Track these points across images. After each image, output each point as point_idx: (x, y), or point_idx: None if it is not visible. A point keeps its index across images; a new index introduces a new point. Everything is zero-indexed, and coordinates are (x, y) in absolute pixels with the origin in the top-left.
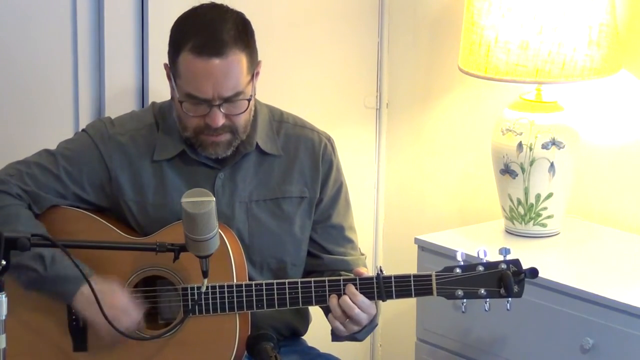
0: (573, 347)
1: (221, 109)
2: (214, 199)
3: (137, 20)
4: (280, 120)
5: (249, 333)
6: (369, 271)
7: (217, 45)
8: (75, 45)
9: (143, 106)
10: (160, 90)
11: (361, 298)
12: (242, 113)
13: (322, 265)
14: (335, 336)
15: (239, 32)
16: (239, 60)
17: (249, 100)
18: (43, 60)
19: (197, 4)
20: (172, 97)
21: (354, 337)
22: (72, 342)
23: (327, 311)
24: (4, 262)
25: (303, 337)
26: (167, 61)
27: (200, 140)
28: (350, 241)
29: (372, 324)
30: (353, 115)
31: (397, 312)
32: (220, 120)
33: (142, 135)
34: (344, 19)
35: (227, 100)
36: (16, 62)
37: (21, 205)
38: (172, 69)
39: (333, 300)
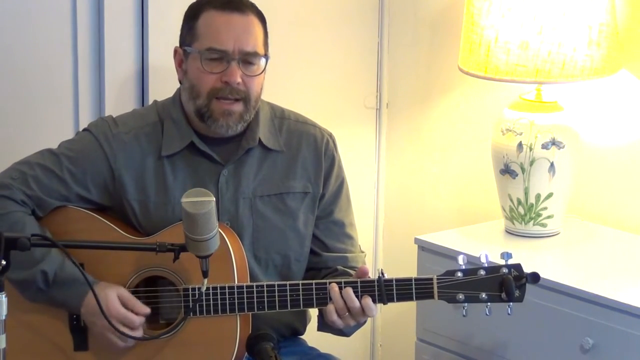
0: (573, 347)
1: (240, 67)
2: (214, 198)
3: (137, 19)
4: (281, 117)
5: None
6: (368, 269)
7: (239, 3)
8: (75, 45)
9: (143, 105)
10: (161, 89)
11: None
12: (256, 76)
13: (320, 263)
14: (323, 326)
15: (256, 8)
16: (258, 23)
17: (265, 60)
18: (43, 60)
19: None
20: (185, 74)
21: (341, 332)
22: (72, 341)
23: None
24: (4, 262)
25: (303, 337)
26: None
27: (213, 108)
28: (350, 237)
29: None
30: (353, 115)
31: (398, 312)
32: (238, 77)
33: (146, 133)
34: (344, 19)
35: (246, 58)
36: (16, 62)
37: (25, 211)
38: (189, 37)
39: (335, 289)
